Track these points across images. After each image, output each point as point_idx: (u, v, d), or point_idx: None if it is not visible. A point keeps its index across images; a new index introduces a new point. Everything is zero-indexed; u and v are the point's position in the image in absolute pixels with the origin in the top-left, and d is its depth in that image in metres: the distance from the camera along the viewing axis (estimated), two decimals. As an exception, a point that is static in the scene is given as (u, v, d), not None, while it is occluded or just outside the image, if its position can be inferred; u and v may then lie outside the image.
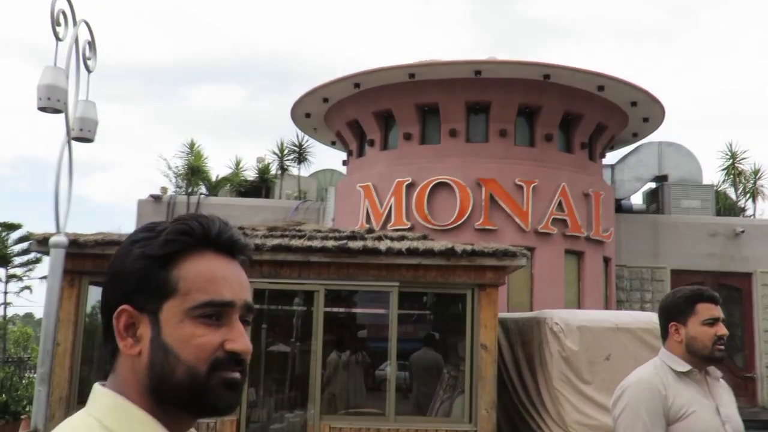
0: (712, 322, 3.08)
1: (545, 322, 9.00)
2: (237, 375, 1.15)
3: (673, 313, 3.18)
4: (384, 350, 9.74)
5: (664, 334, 3.25)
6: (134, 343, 1.14)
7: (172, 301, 1.14)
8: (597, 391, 8.63)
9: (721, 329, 3.09)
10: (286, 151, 18.79)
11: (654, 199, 17.96)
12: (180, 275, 1.14)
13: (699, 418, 3.00)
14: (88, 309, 10.26)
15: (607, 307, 14.84)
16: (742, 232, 16.63)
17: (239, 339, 1.15)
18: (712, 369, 3.19)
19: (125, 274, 1.16)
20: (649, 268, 16.50)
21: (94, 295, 10.32)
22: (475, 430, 8.74)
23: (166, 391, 1.12)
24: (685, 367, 3.10)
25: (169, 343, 1.12)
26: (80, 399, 9.06)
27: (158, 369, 1.12)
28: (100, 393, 1.16)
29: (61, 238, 8.55)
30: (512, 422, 9.89)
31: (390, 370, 9.19)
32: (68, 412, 8.67)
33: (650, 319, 9.21)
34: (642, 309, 15.60)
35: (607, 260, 15.23)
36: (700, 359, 3.10)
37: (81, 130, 9.07)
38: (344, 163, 17.77)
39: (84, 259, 8.97)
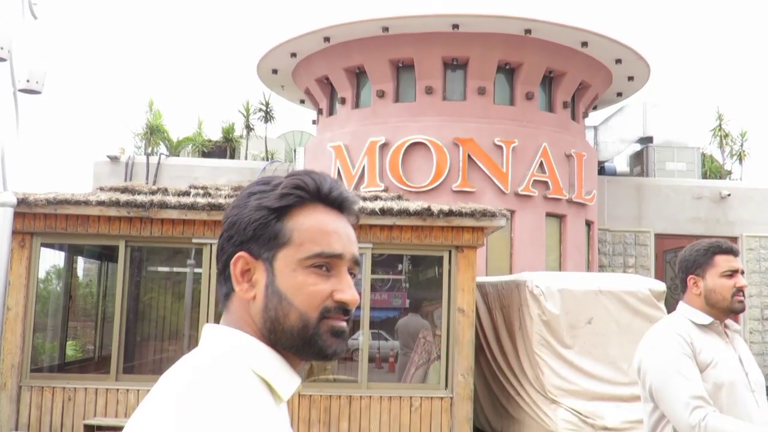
0: (731, 273, 3.09)
1: (525, 285, 8.79)
2: (344, 324, 1.22)
3: (691, 266, 3.17)
4: (356, 318, 9.41)
5: (683, 288, 3.22)
6: (249, 288, 1.22)
7: (286, 250, 1.21)
8: (578, 355, 8.45)
9: (740, 281, 3.09)
10: (251, 110, 18.13)
11: (638, 161, 17.62)
12: (294, 227, 1.22)
13: (726, 368, 2.99)
14: (42, 273, 9.76)
15: (589, 271, 14.50)
16: (728, 195, 16.35)
17: (347, 290, 1.22)
18: (730, 322, 3.18)
19: (242, 223, 1.23)
20: (633, 232, 16.21)
21: (48, 257, 9.83)
22: (450, 396, 8.47)
23: (279, 334, 1.20)
24: (707, 319, 3.09)
25: (282, 290, 1.20)
26: (33, 366, 8.64)
27: (272, 313, 1.20)
28: (222, 331, 1.23)
29: (9, 197, 8.22)
30: (489, 388, 9.67)
31: (362, 338, 8.84)
32: (21, 380, 8.28)
33: (634, 281, 8.97)
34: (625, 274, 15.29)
35: (589, 224, 14.87)
36: (719, 311, 3.10)
37: (28, 81, 8.59)
38: (314, 122, 17.20)
39: (35, 218, 8.52)
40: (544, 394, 8.35)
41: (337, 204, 1.27)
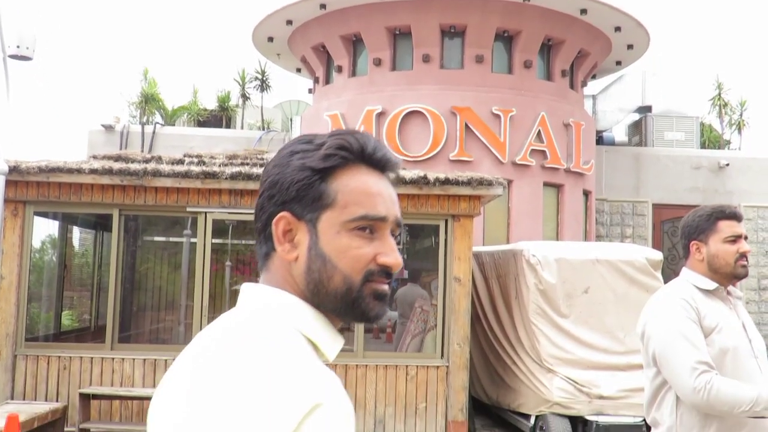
0: (734, 239, 3.04)
1: (522, 254, 8.75)
2: (386, 287, 1.22)
3: (694, 231, 3.12)
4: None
5: (685, 254, 3.19)
6: (292, 249, 1.20)
7: (329, 212, 1.19)
8: (574, 324, 8.43)
9: (743, 246, 3.06)
10: (247, 79, 17.97)
11: (636, 131, 17.51)
12: (338, 188, 1.20)
13: (730, 334, 2.95)
14: (37, 243, 9.68)
15: (586, 241, 14.45)
16: (727, 165, 16.27)
17: (391, 253, 1.21)
18: (732, 288, 3.14)
19: (285, 183, 1.21)
20: (631, 202, 16.16)
21: (43, 227, 9.75)
22: (446, 365, 8.45)
23: (322, 296, 1.19)
24: (711, 285, 3.05)
25: (326, 253, 1.18)
26: (29, 335, 8.60)
27: (316, 275, 1.19)
28: (264, 290, 1.21)
29: (0, 165, 8.10)
30: (486, 357, 9.66)
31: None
32: (16, 349, 8.26)
33: (631, 251, 8.94)
34: (622, 244, 15.24)
35: (587, 194, 14.80)
36: (722, 276, 3.06)
37: (18, 47, 8.48)
38: (310, 91, 17.04)
39: (27, 187, 8.43)
40: (540, 363, 8.34)
41: (381, 165, 1.25)
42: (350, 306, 1.20)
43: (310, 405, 1.03)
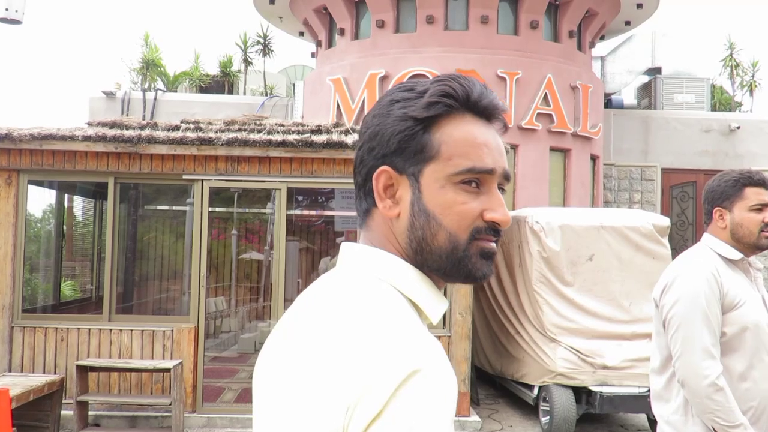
0: (761, 207, 2.91)
1: (525, 221, 8.56)
2: (494, 245, 1.15)
3: (719, 197, 2.98)
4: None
5: (708, 220, 3.05)
6: (393, 205, 1.15)
7: (433, 165, 1.13)
8: (578, 293, 8.26)
9: None
10: (249, 43, 17.69)
11: (646, 93, 17.15)
12: (442, 139, 1.13)
13: (750, 309, 2.81)
14: (38, 213, 9.56)
15: (593, 207, 14.23)
16: (738, 128, 15.92)
17: (499, 209, 1.15)
18: (753, 260, 3.00)
19: (386, 134, 1.15)
20: (639, 166, 15.87)
21: (36, 196, 9.60)
22: (448, 335, 8.32)
23: (426, 255, 1.14)
24: (737, 255, 2.92)
25: (430, 209, 1.13)
26: (25, 307, 8.50)
27: (420, 233, 1.13)
28: (364, 249, 1.17)
29: (-8, 132, 7.96)
30: (490, 327, 9.52)
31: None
32: (13, 320, 8.17)
33: (637, 216, 8.74)
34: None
35: (594, 158, 14.53)
36: (745, 246, 2.93)
37: (7, 10, 8.29)
38: (313, 55, 16.74)
39: (20, 155, 8.29)
40: (543, 333, 8.19)
41: (487, 113, 1.16)
42: (456, 265, 1.13)
43: (408, 371, 0.98)
